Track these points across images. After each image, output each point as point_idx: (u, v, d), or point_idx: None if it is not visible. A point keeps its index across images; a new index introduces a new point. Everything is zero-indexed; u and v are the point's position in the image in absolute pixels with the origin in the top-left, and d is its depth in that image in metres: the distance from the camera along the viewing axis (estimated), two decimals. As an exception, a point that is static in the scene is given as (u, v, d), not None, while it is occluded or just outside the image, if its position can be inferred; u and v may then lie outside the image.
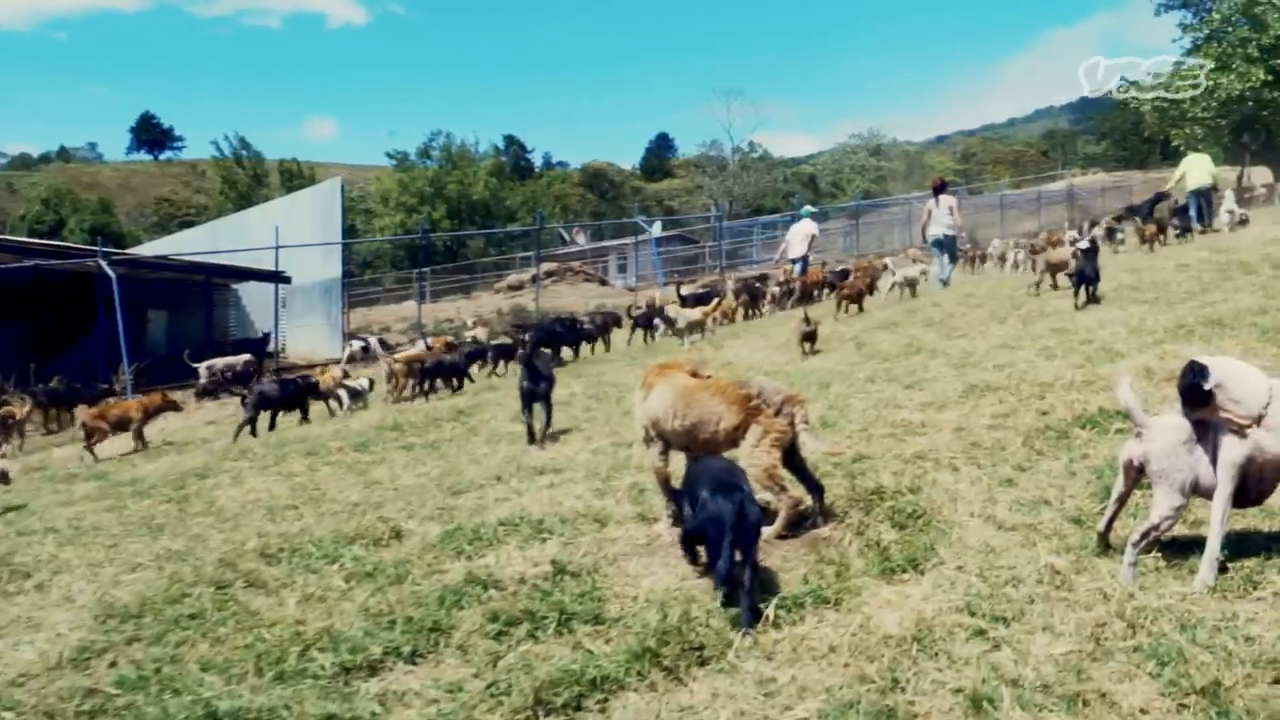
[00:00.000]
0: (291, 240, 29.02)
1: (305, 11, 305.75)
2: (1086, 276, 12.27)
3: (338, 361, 20.43)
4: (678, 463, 6.03)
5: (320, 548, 6.42)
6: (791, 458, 5.71)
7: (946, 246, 18.63)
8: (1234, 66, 44.71)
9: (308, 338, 30.74)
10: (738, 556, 4.49)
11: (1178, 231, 20.38)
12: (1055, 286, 14.18)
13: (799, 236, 22.42)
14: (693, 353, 14.12)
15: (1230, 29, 46.34)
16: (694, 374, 6.10)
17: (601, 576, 5.20)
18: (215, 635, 5.15)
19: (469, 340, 19.59)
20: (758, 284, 22.54)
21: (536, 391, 9.40)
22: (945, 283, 18.31)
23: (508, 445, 9.70)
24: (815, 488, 5.74)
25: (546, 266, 43.93)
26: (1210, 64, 45.14)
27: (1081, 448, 6.26)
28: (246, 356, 22.09)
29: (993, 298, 14.71)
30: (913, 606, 4.35)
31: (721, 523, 4.52)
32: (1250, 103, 45.13)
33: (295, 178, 75.64)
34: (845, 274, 20.35)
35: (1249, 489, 4.32)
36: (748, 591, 4.47)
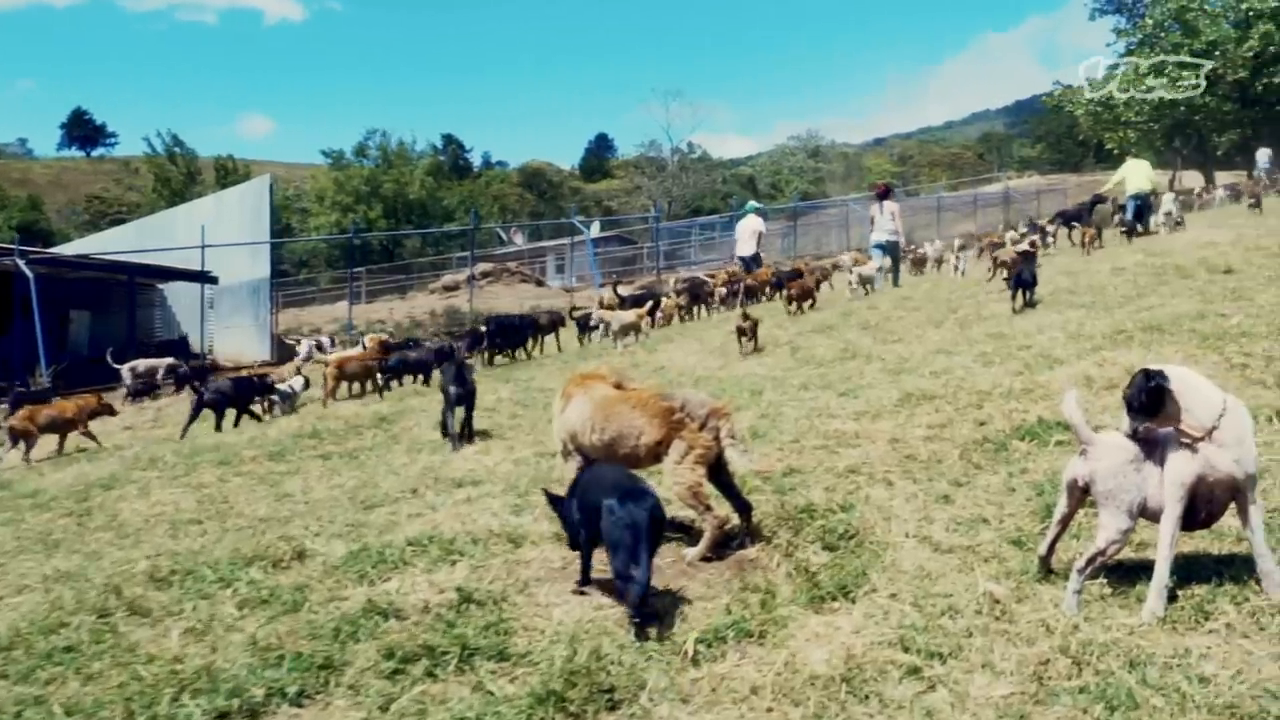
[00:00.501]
0: (219, 239, 28.32)
1: (241, 8, 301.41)
2: (1024, 280, 12.10)
3: (279, 363, 19.84)
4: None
5: (215, 570, 5.94)
6: (718, 474, 5.37)
7: (889, 251, 18.68)
8: (1167, 71, 45.35)
9: (236, 339, 29.95)
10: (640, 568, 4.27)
11: (1124, 230, 20.70)
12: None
13: (746, 233, 22.10)
14: (623, 358, 13.76)
15: (1163, 34, 47.00)
16: (618, 385, 5.73)
17: (510, 606, 4.80)
18: (89, 672, 4.68)
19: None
20: (702, 284, 22.24)
21: (462, 394, 9.34)
22: (895, 284, 18.37)
23: (428, 454, 9.29)
24: (742, 506, 5.40)
25: (482, 267, 43.31)
26: (1144, 65, 45.76)
27: (1021, 461, 5.99)
28: (170, 360, 21.33)
29: (930, 301, 14.53)
30: (842, 641, 4.00)
31: (638, 529, 4.26)
32: (1182, 108, 45.77)
33: (230, 175, 74.36)
34: (797, 274, 20.13)
35: (1198, 510, 4.04)
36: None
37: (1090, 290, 12.62)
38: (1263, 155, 36.49)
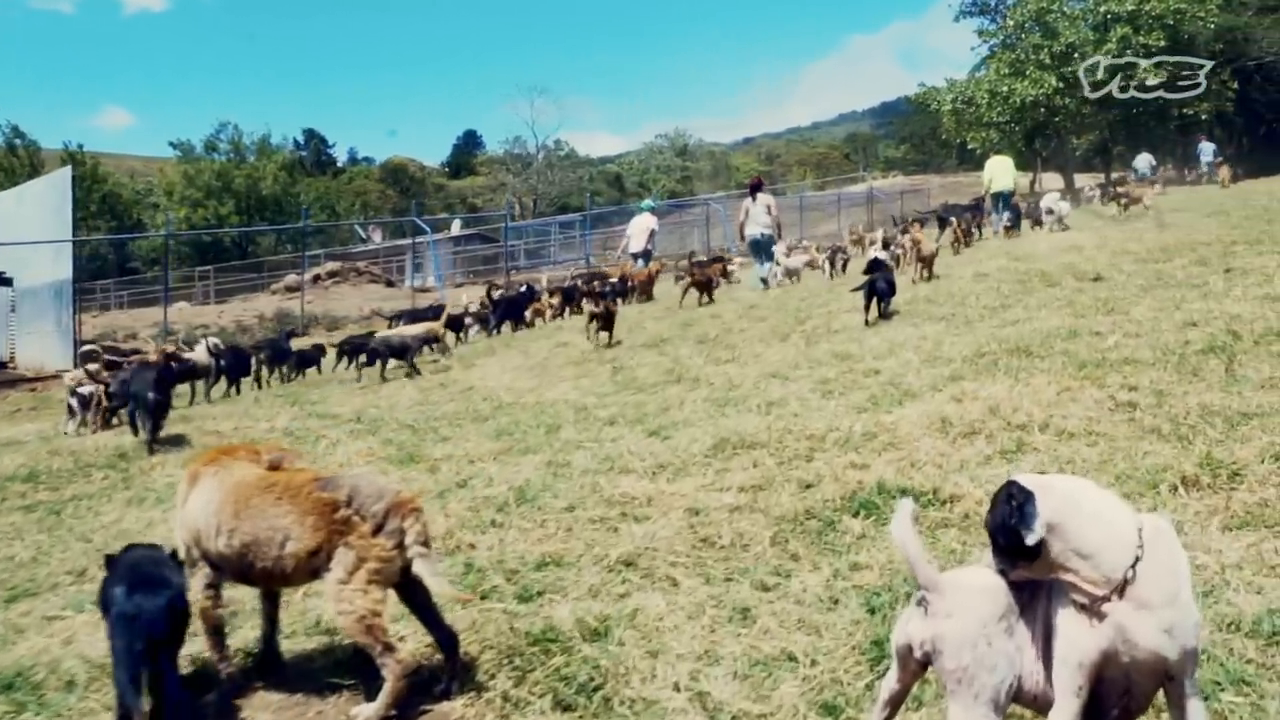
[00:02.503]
0: (19, 237, 25.47)
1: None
2: (879, 290, 10.70)
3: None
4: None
5: None
6: (410, 593, 3.65)
7: (764, 246, 17.79)
8: (1028, 73, 45.47)
9: (38, 346, 27.01)
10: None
11: (1009, 226, 20.82)
12: (928, 278, 13.75)
13: (639, 230, 20.74)
14: (429, 377, 11.88)
15: (1023, 35, 47.19)
16: (274, 465, 3.94)
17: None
18: None
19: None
20: (575, 284, 20.92)
21: (149, 400, 9.24)
22: (765, 283, 17.28)
23: (150, 508, 7.38)
24: (446, 640, 3.67)
25: (330, 266, 40.79)
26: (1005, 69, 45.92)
27: (851, 549, 4.40)
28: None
29: (779, 309, 13.07)
30: None
31: (133, 625, 3.21)
32: (1043, 109, 45.95)
33: (77, 167, 70.09)
34: (704, 263, 18.86)
35: (1107, 703, 2.47)
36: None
37: (951, 300, 11.32)
38: (1143, 160, 36.47)
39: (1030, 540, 2.42)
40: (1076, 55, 44.67)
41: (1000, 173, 22.39)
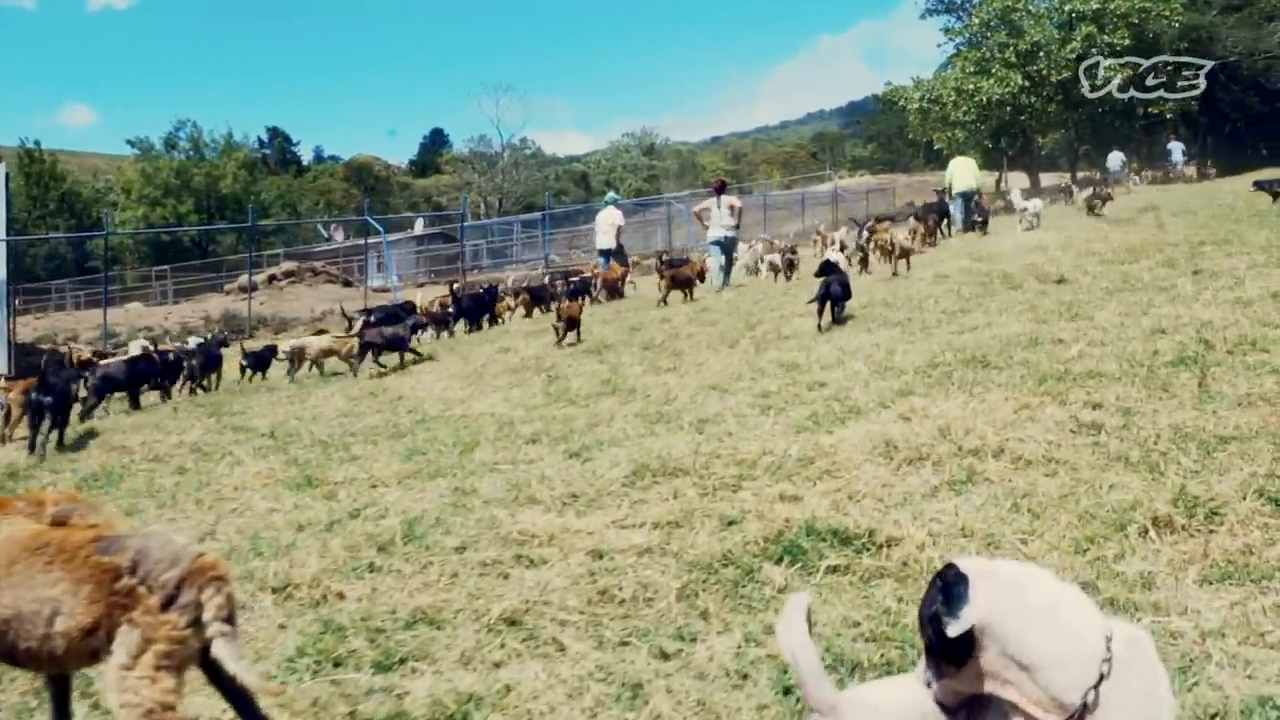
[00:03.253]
0: (-48, 236, 24.50)
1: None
2: (832, 294, 10.09)
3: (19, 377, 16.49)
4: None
5: None
6: (218, 670, 2.96)
7: (726, 248, 17.30)
8: (994, 71, 45.22)
9: (-27, 349, 26.05)
10: None
11: (979, 222, 20.76)
12: (901, 271, 14.07)
13: (604, 226, 19.87)
14: (364, 383, 11.13)
15: (989, 34, 46.95)
16: (60, 521, 3.24)
17: None
18: None
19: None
20: (544, 283, 20.03)
21: (44, 404, 9.15)
22: (726, 282, 16.89)
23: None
24: (261, 731, 3.01)
25: (287, 266, 39.87)
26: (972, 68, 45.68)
27: (769, 607, 3.75)
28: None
29: (731, 313, 12.43)
30: None
31: None
32: (1009, 107, 45.70)
33: (34, 164, 69.03)
34: (674, 262, 18.22)
35: None
36: None
37: (909, 303, 10.74)
38: (1115, 158, 36.06)
39: (952, 631, 1.80)
40: (1042, 54, 44.51)
41: (961, 173, 22.24)
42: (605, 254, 19.82)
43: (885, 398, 6.40)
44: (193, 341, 16.09)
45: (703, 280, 16.34)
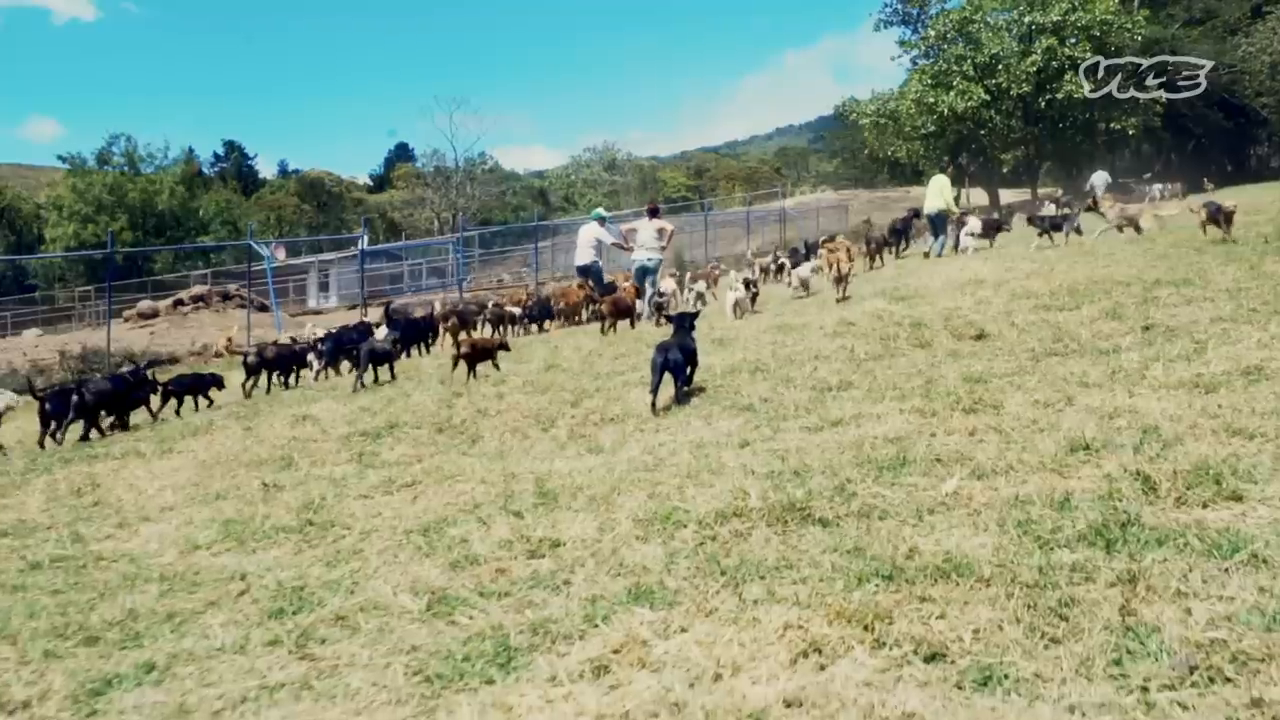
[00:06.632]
0: None
1: (26, 6, 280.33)
2: (670, 365, 7.73)
3: None
4: None
5: None
6: None
7: (649, 274, 16.15)
8: (954, 84, 43.51)
9: None
10: None
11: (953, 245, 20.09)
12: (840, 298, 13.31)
13: (584, 241, 17.80)
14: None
15: (945, 46, 45.32)
16: None
17: None
18: None
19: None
20: (469, 310, 17.98)
21: None
22: (656, 307, 15.45)
23: None
24: None
25: (196, 290, 37.27)
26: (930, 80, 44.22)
27: None
28: None
29: (576, 374, 10.08)
30: None
31: None
32: (969, 121, 43.98)
33: (-11, 179, 66.74)
34: (610, 287, 16.95)
35: None
36: None
37: (788, 365, 8.49)
38: (1099, 178, 33.74)
39: None
40: (1001, 66, 42.82)
41: (931, 193, 20.72)
42: (583, 271, 17.77)
43: (611, 609, 3.88)
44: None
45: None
